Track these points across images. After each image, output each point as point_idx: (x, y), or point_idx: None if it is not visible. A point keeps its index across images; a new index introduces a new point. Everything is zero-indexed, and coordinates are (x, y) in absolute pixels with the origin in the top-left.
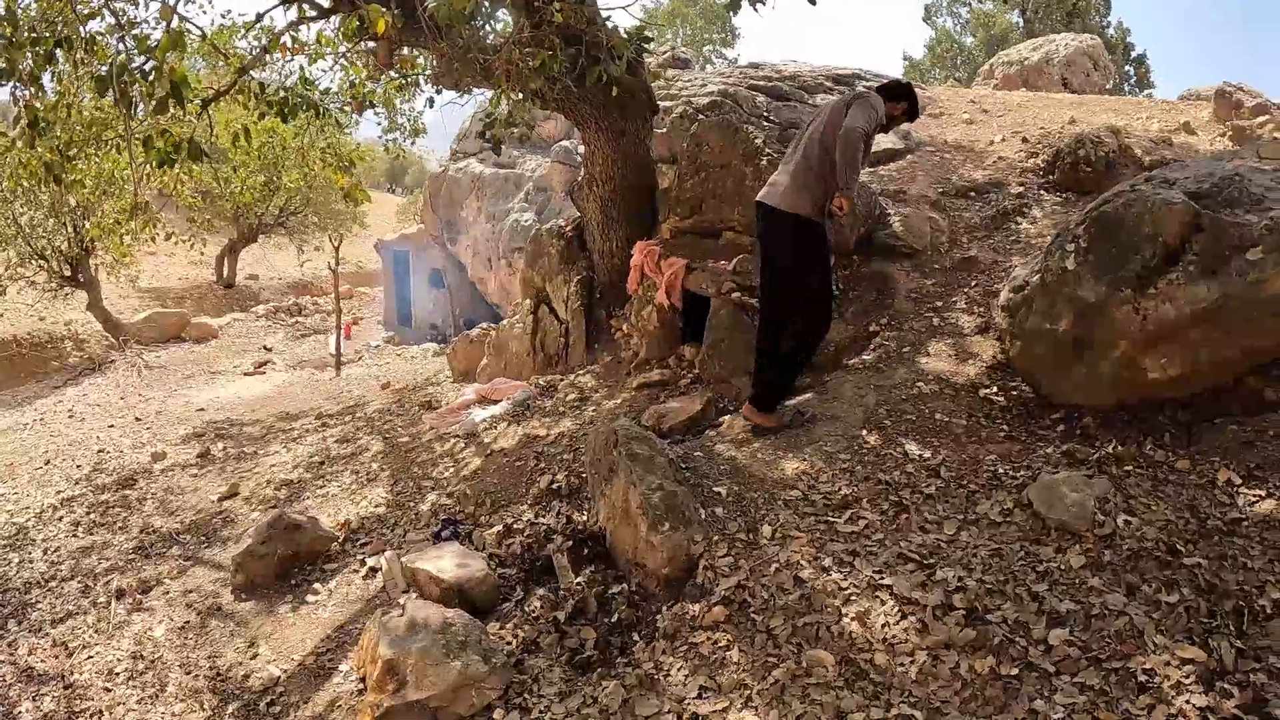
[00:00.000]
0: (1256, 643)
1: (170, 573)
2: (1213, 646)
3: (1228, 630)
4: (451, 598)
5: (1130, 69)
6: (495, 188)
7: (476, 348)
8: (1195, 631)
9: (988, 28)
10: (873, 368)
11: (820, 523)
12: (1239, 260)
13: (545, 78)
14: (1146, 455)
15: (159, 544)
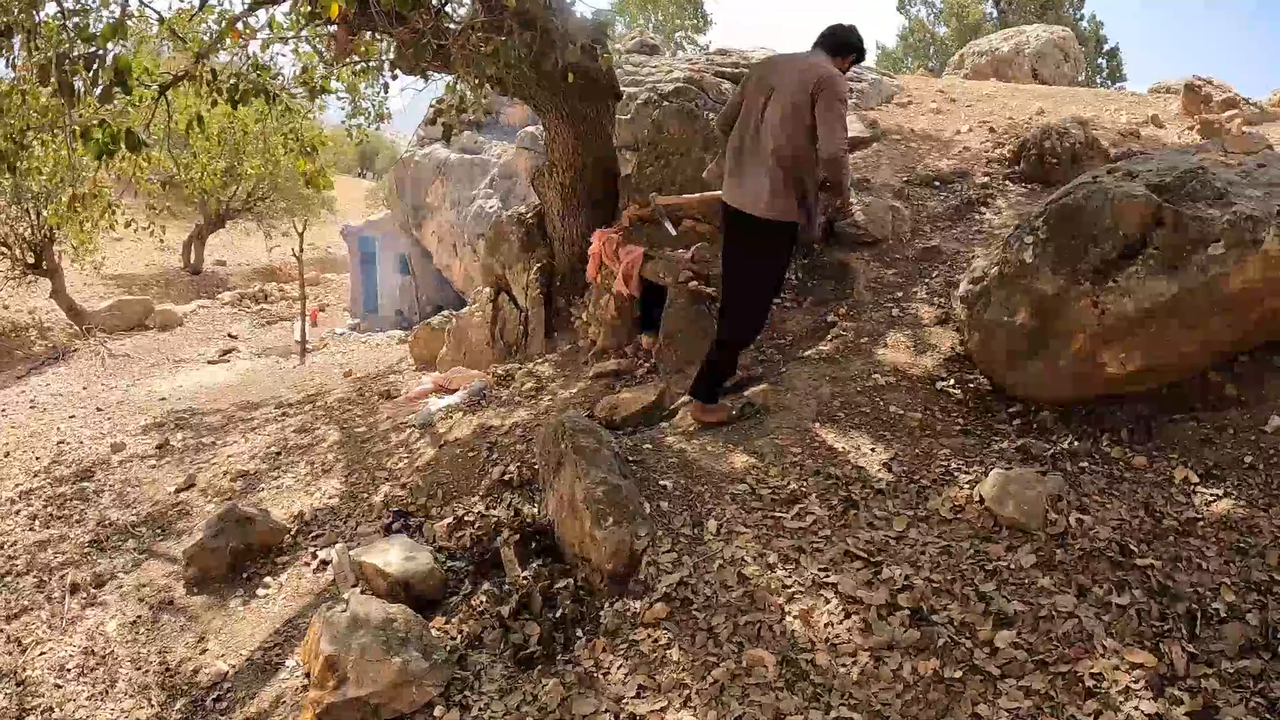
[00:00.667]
0: (1209, 647)
1: (125, 566)
2: (1164, 651)
3: (1179, 634)
4: (398, 592)
5: (1102, 62)
6: (460, 173)
7: (438, 336)
8: (1146, 635)
9: (961, 18)
10: (829, 359)
11: (767, 518)
12: (1200, 255)
13: (504, 63)
14: (1103, 452)
15: (115, 537)
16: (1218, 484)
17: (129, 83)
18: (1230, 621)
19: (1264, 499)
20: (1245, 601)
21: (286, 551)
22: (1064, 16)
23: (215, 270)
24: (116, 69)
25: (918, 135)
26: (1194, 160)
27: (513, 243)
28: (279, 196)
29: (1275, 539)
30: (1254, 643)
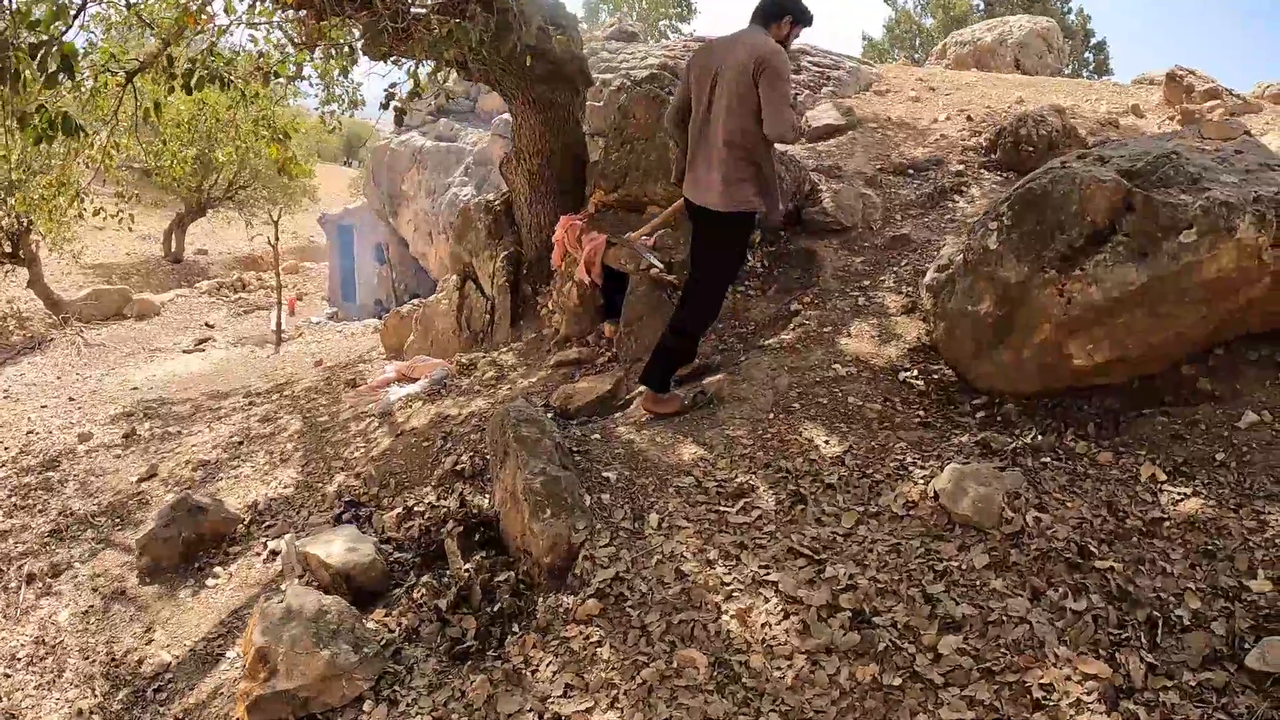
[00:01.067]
0: (1170, 657)
1: (82, 556)
2: (1120, 661)
3: (1138, 643)
4: (340, 583)
5: (1089, 55)
6: (436, 161)
7: (407, 324)
8: (1102, 644)
9: (947, 9)
10: (790, 348)
11: (711, 512)
12: (1171, 242)
13: (468, 48)
14: (1067, 447)
15: (74, 527)
16: (1186, 482)
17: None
18: (1194, 630)
19: (1235, 499)
20: (1211, 609)
21: (239, 541)
22: (1051, 9)
23: (196, 259)
24: (63, 55)
25: (894, 123)
26: (1169, 146)
27: (480, 230)
28: (260, 185)
29: (1245, 542)
30: (1218, 653)
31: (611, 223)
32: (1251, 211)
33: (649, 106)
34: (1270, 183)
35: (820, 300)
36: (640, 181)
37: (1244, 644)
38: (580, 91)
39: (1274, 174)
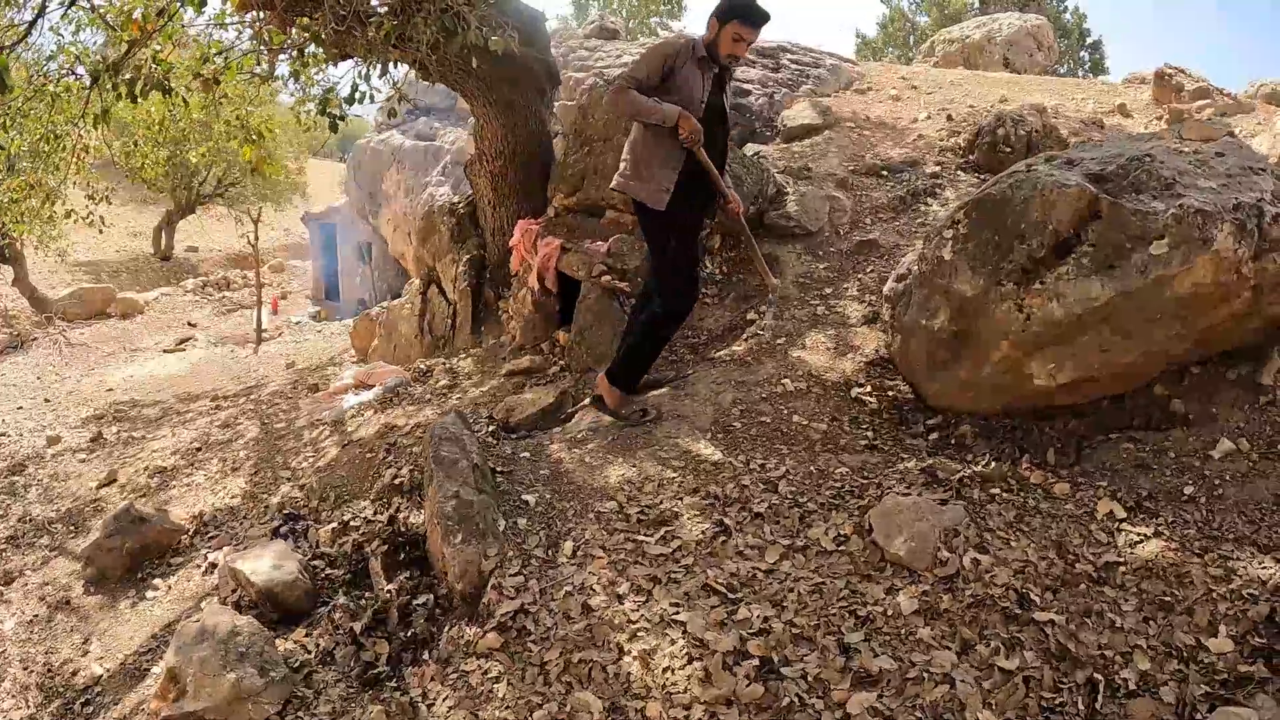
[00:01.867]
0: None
1: (34, 564)
2: None
3: (1075, 710)
4: (264, 601)
5: (1085, 54)
6: (415, 160)
7: (376, 326)
8: (1032, 709)
9: (942, 7)
10: (739, 361)
11: (629, 541)
12: (1141, 254)
13: (421, 48)
14: (1021, 476)
15: (31, 534)
16: (1148, 520)
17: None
18: (1140, 696)
19: (1200, 540)
20: (1162, 671)
21: (183, 552)
22: (1046, 7)
23: (187, 256)
24: None
25: (873, 123)
26: (1144, 148)
27: (443, 234)
28: (250, 182)
29: (1208, 592)
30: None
31: (570, 227)
32: (1231, 220)
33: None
34: (1253, 188)
35: (779, 309)
36: (598, 185)
37: (1196, 713)
38: (547, 92)
39: (1258, 179)
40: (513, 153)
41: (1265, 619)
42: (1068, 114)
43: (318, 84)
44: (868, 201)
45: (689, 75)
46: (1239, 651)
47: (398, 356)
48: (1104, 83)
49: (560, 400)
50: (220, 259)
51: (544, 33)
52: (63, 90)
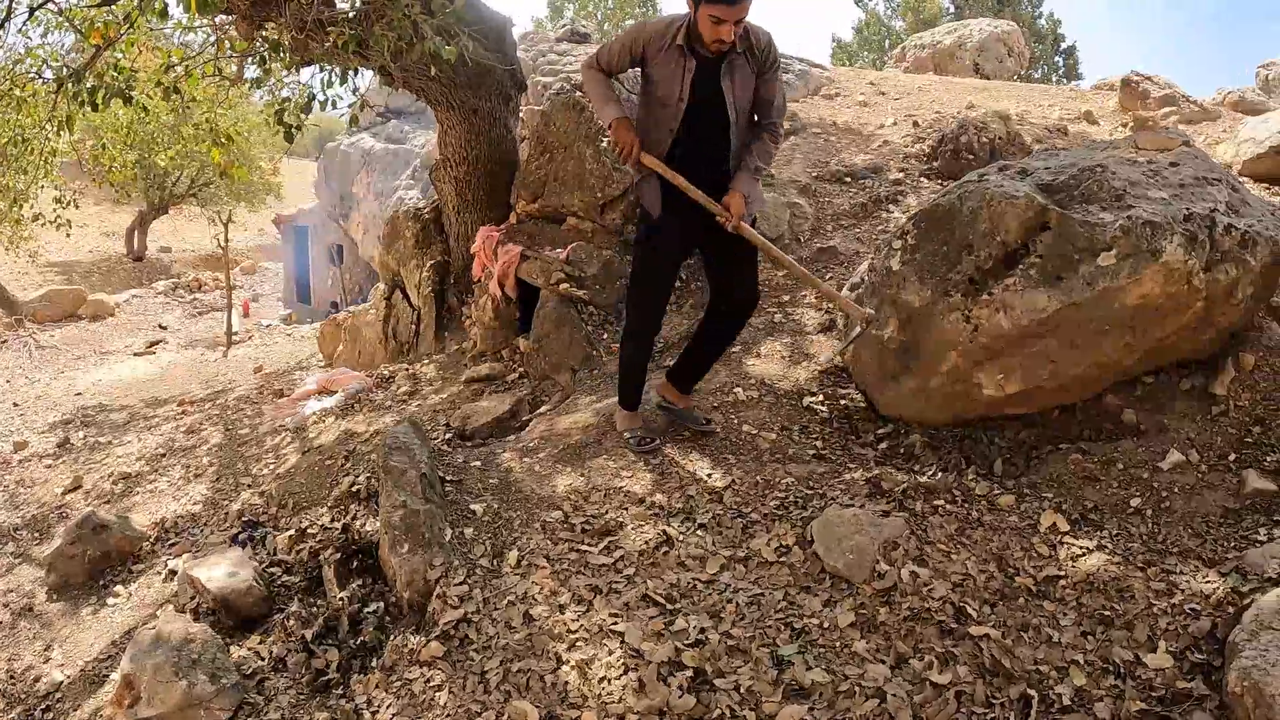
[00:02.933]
0: None
1: None
2: None
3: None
4: (220, 608)
5: (1060, 60)
6: (384, 163)
7: (342, 331)
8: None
9: (917, 12)
10: None
11: (573, 551)
12: (1089, 265)
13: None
14: (966, 487)
15: None
16: (1092, 533)
17: None
18: (1075, 712)
19: (1144, 554)
20: (1098, 687)
21: (144, 559)
22: (1021, 13)
23: (159, 257)
24: None
25: (839, 128)
26: (1097, 158)
27: (407, 239)
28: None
29: (1149, 607)
30: None
31: (531, 234)
32: (1181, 231)
33: (568, 112)
34: (1206, 199)
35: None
36: (559, 192)
37: None
38: (512, 98)
39: (1212, 189)
40: (476, 158)
41: (1206, 634)
42: (1033, 121)
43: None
44: (830, 208)
45: (664, 64)
46: (1178, 668)
47: (363, 362)
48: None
49: (516, 408)
50: (193, 259)
51: (510, 38)
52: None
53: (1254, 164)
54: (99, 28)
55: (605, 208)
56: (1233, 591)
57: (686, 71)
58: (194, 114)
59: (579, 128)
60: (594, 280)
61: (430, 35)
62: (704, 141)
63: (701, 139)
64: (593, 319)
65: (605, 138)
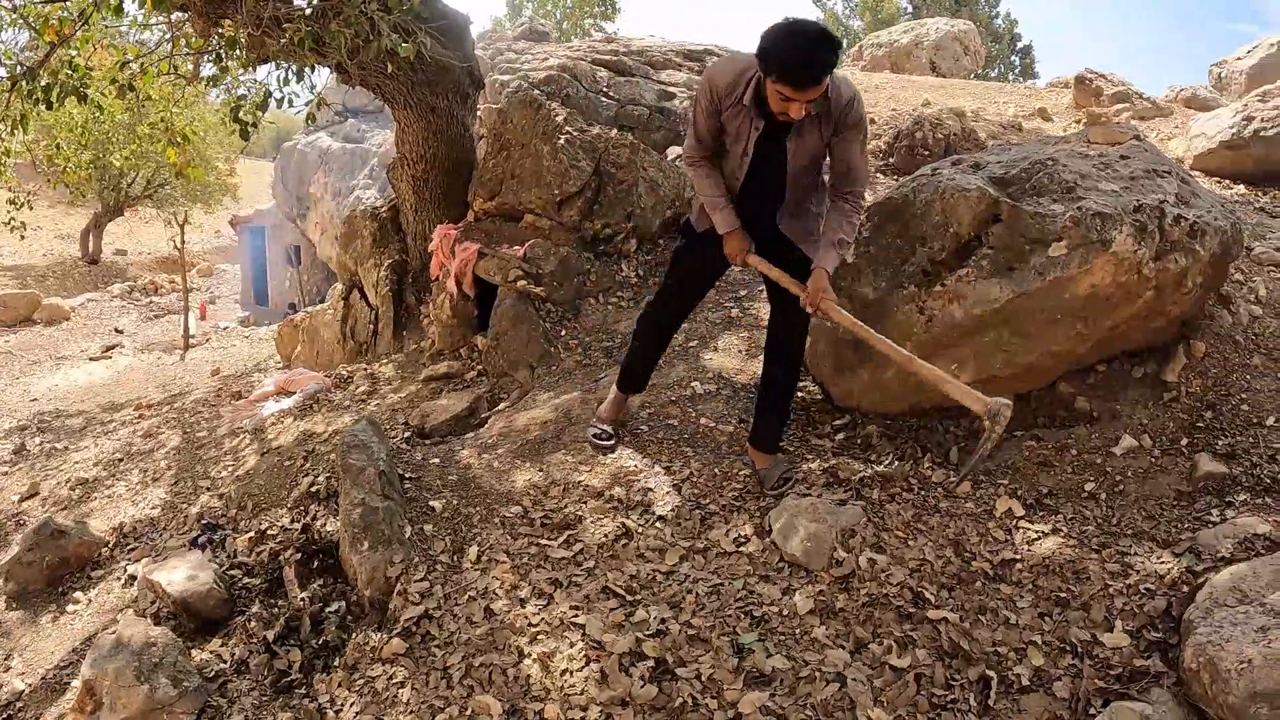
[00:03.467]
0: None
1: None
2: None
3: (967, 706)
4: (180, 611)
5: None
6: (342, 163)
7: (299, 332)
8: (922, 707)
9: (875, 12)
10: None
11: (532, 545)
12: (1040, 256)
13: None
14: (922, 475)
15: None
16: (1046, 517)
17: None
18: (1034, 692)
19: (1099, 536)
20: (1056, 666)
21: (103, 565)
22: (978, 13)
23: (115, 260)
24: None
25: None
26: (1048, 151)
27: (365, 238)
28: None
29: (1104, 588)
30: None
31: (489, 231)
32: (1131, 222)
33: (525, 110)
34: (1156, 190)
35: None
36: (516, 190)
37: (1090, 709)
38: (470, 96)
39: (1162, 181)
40: (434, 157)
41: (1162, 613)
42: (988, 117)
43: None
44: None
45: (733, 118)
46: (1135, 646)
47: (321, 362)
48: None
49: (474, 405)
50: (150, 262)
51: (468, 36)
52: None
53: (1205, 158)
54: (53, 25)
55: (562, 205)
56: (1187, 571)
57: (754, 130)
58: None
59: (536, 125)
60: (551, 277)
61: (387, 32)
62: (764, 191)
63: (761, 188)
64: (550, 316)
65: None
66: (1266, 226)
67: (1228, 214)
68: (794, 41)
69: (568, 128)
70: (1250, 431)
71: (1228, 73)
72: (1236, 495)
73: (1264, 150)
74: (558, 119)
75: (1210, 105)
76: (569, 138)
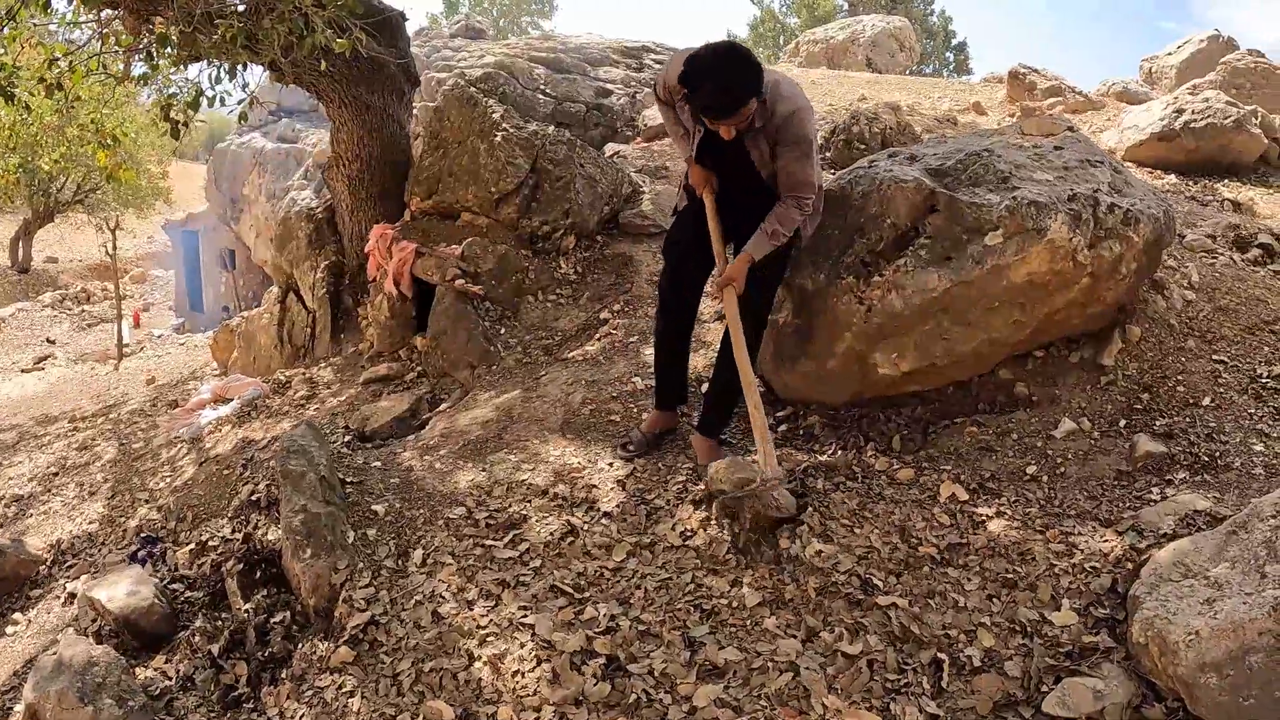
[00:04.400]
0: (956, 704)
1: None
2: (895, 713)
3: (920, 689)
4: (122, 628)
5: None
6: (276, 163)
7: (235, 338)
8: (876, 692)
9: (812, 9)
10: (592, 360)
11: (478, 546)
12: (976, 245)
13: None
14: (866, 464)
15: None
16: (991, 500)
17: None
18: (985, 672)
19: (1043, 518)
20: (1007, 646)
21: (41, 584)
22: (913, 10)
23: (46, 268)
24: None
25: None
26: (983, 143)
27: (300, 239)
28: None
29: (1050, 568)
30: (1012, 698)
31: (426, 231)
32: (1065, 211)
33: (462, 108)
34: (1090, 180)
35: (632, 307)
36: (453, 188)
37: (1042, 686)
38: (406, 94)
39: (1095, 170)
40: (369, 156)
41: (1108, 590)
42: (924, 112)
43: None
44: None
45: (683, 111)
46: (1083, 623)
47: (258, 368)
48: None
49: (415, 406)
50: (81, 269)
51: (403, 32)
52: None
53: (1137, 150)
54: None
55: (500, 203)
56: (1130, 549)
57: (696, 134)
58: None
59: (473, 123)
60: (490, 275)
61: (321, 28)
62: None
63: (728, 184)
64: (489, 314)
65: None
66: (1197, 214)
67: (1160, 202)
68: (709, 79)
69: (504, 125)
70: (1187, 411)
71: (1158, 68)
72: (1176, 473)
73: (1194, 141)
74: (494, 116)
75: (1141, 99)
76: (505, 135)
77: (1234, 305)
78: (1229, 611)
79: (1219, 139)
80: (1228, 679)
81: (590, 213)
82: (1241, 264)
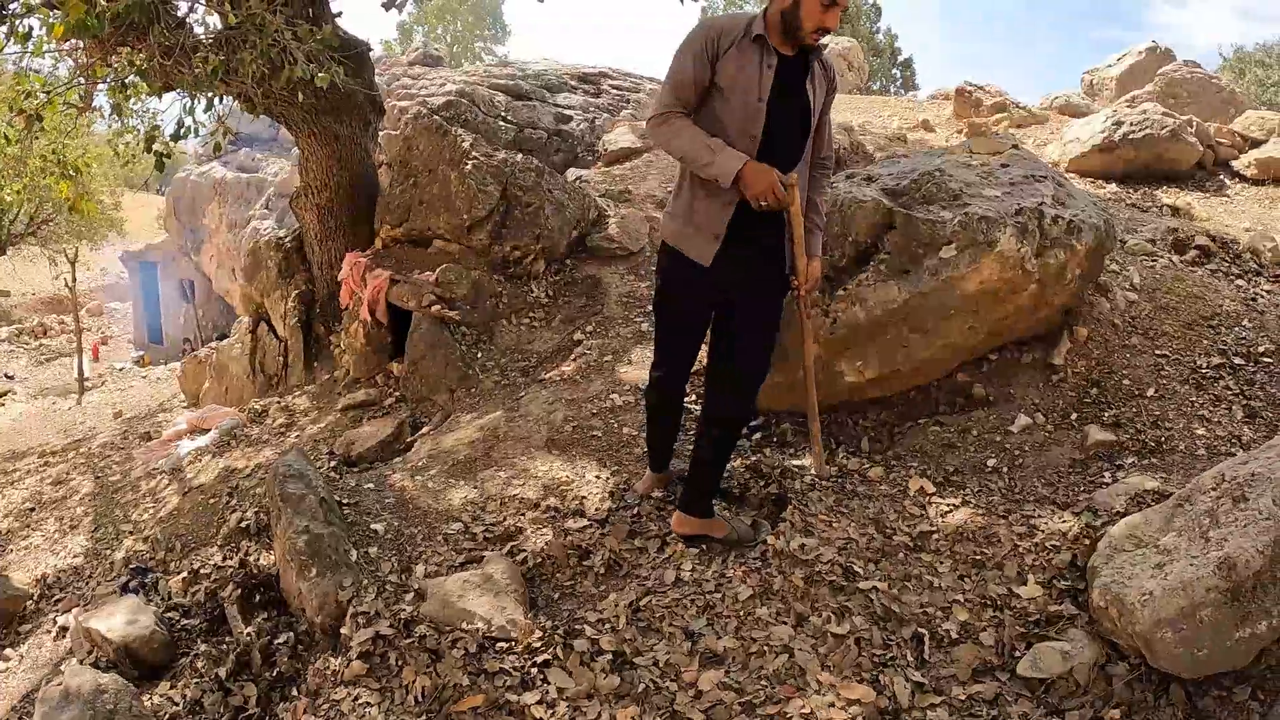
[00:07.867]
0: (939, 673)
1: None
2: (885, 682)
3: (905, 661)
4: (123, 658)
5: (897, 72)
6: (237, 193)
7: (205, 369)
8: (865, 666)
9: None
10: (569, 380)
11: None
12: (932, 258)
13: (246, 81)
14: (838, 464)
15: None
16: (955, 492)
17: None
18: (963, 643)
19: (1004, 505)
20: (980, 619)
21: (29, 619)
22: (860, 29)
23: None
24: None
25: None
26: (935, 163)
27: (270, 269)
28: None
29: (1014, 548)
30: (988, 665)
31: (398, 258)
32: (1013, 224)
33: (431, 136)
34: (1034, 194)
35: (603, 328)
36: (424, 216)
37: (1015, 652)
38: (372, 123)
39: (1039, 185)
40: (339, 185)
41: (1068, 565)
42: (875, 130)
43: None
44: None
45: (742, 66)
46: (1048, 595)
47: (230, 398)
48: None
49: (399, 430)
50: (35, 303)
51: (369, 63)
52: None
53: (1079, 161)
54: None
55: (471, 229)
56: (1086, 527)
57: (767, 67)
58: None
59: (443, 152)
60: (465, 300)
61: (303, 61)
62: (782, 149)
63: (780, 146)
64: (466, 339)
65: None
66: (1138, 220)
67: (1100, 212)
68: None
69: (474, 153)
70: (1133, 402)
71: (1099, 79)
72: (1125, 459)
73: (1133, 152)
74: (464, 145)
75: (1083, 111)
76: (476, 163)
77: (1174, 303)
78: (1179, 573)
79: (1156, 148)
80: (1181, 633)
81: (560, 237)
82: (1180, 265)
